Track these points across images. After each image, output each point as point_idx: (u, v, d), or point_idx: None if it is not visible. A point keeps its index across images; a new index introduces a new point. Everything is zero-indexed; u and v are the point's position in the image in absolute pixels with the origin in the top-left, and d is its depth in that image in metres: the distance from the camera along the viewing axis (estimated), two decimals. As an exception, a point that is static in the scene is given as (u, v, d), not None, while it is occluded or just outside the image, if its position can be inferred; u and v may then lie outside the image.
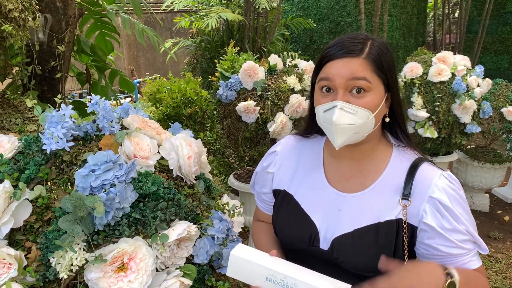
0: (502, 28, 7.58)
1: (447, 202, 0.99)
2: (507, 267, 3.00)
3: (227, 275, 1.04)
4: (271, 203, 1.27)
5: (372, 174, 1.09)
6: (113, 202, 0.99)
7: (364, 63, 0.99)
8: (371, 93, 1.00)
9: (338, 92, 1.00)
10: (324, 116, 1.02)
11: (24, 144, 1.13)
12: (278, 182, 1.21)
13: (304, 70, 2.81)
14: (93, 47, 2.35)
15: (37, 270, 0.98)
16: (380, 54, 1.02)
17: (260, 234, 1.30)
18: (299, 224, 1.13)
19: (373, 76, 1.00)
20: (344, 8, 6.87)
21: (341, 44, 1.02)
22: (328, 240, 1.07)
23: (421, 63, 3.36)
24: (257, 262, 0.99)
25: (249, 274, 1.00)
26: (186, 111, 2.94)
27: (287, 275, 0.96)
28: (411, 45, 7.14)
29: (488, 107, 3.28)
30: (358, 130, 1.00)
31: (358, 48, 1.00)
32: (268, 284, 0.98)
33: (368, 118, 1.00)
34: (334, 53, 1.02)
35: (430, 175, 1.03)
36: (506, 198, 4.15)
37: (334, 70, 1.00)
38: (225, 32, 5.55)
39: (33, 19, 1.54)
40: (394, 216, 1.03)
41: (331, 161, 1.16)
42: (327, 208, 1.10)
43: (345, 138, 1.01)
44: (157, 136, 1.25)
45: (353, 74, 0.98)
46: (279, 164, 1.23)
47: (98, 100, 1.17)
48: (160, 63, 10.49)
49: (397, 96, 1.08)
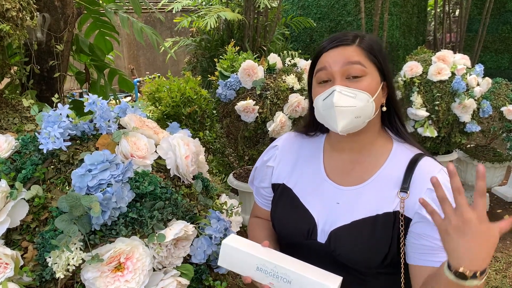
0: (503, 27, 7.57)
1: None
2: (507, 266, 3.00)
3: (218, 264, 1.05)
4: (269, 197, 1.27)
5: (371, 168, 1.10)
6: (109, 201, 0.99)
7: (358, 50, 1.04)
8: (368, 77, 1.03)
9: (336, 79, 1.03)
10: (324, 104, 1.04)
11: (21, 143, 1.13)
12: (278, 176, 1.22)
13: (303, 69, 2.81)
14: (91, 46, 2.35)
15: (33, 270, 0.98)
16: (372, 44, 1.06)
17: (256, 229, 1.31)
18: (297, 218, 1.13)
19: (366, 61, 1.03)
20: (344, 7, 6.86)
21: (333, 37, 1.08)
22: (326, 233, 1.08)
23: (421, 62, 3.35)
24: (248, 251, 1.00)
25: (240, 264, 1.01)
26: (185, 110, 2.94)
27: (277, 265, 0.97)
28: (411, 44, 7.13)
29: (488, 106, 3.28)
30: (359, 114, 1.01)
31: (351, 39, 1.05)
32: (259, 273, 0.99)
33: (368, 101, 1.01)
34: (327, 45, 1.07)
35: (430, 169, 1.05)
36: (506, 197, 4.14)
37: (330, 59, 1.04)
38: (225, 31, 5.55)
39: (31, 18, 1.54)
40: (392, 208, 1.04)
41: (331, 155, 1.17)
42: (326, 201, 1.11)
43: (347, 121, 1.01)
44: (154, 135, 1.25)
45: (347, 59, 1.02)
46: (279, 158, 1.24)
47: (95, 99, 1.17)
48: (160, 62, 10.49)
49: (392, 85, 1.10)
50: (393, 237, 1.03)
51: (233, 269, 1.03)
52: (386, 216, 1.03)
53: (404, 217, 1.02)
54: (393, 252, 1.03)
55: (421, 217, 1.01)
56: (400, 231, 1.02)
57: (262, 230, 1.28)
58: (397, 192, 1.04)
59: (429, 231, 1.00)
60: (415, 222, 1.02)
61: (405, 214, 1.02)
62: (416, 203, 1.01)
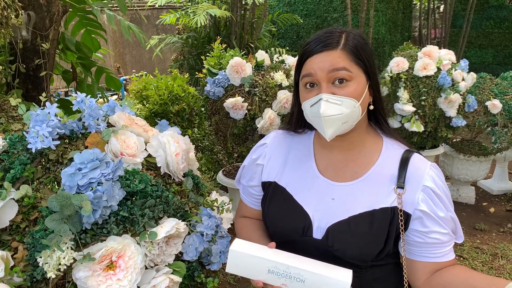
0: (486, 23, 7.68)
1: (438, 190, 1.04)
2: (493, 258, 3.06)
3: (227, 271, 1.03)
4: (259, 196, 1.26)
5: (365, 164, 1.11)
6: (100, 200, 0.98)
7: (343, 54, 1.03)
8: (354, 82, 1.03)
9: (321, 85, 1.03)
10: (311, 110, 1.05)
11: (8, 143, 1.12)
12: (268, 174, 1.22)
13: (291, 66, 2.81)
14: (78, 44, 2.33)
15: (24, 270, 0.97)
16: (357, 44, 1.05)
17: (247, 231, 1.28)
18: (292, 216, 1.13)
19: (352, 65, 1.03)
20: (330, 4, 6.89)
21: (318, 39, 1.06)
22: (322, 229, 1.09)
23: (407, 57, 3.39)
24: (258, 255, 0.99)
25: (250, 268, 1.00)
26: (173, 108, 2.93)
27: (290, 266, 0.96)
28: (397, 40, 7.19)
29: (473, 101, 3.33)
30: (346, 120, 1.02)
31: (335, 41, 1.04)
32: (271, 276, 0.98)
33: (355, 106, 1.02)
34: (312, 49, 1.05)
35: (422, 165, 1.08)
36: (491, 190, 4.21)
37: (315, 65, 1.03)
38: (212, 28, 5.53)
39: (16, 16, 1.52)
40: (389, 204, 1.06)
41: (322, 152, 1.17)
42: (320, 197, 1.12)
43: (334, 129, 1.03)
44: (144, 133, 1.24)
45: (333, 65, 1.01)
46: (268, 156, 1.23)
47: (83, 98, 1.16)
48: (146, 60, 10.41)
49: (377, 83, 1.11)
50: (390, 232, 1.05)
51: (242, 275, 1.02)
52: (383, 211, 1.05)
53: (403, 212, 1.05)
54: (389, 246, 1.06)
55: (421, 212, 1.04)
56: (399, 226, 1.05)
57: (255, 231, 1.26)
58: (393, 188, 1.06)
59: (431, 226, 1.04)
60: (415, 218, 1.05)
61: (404, 210, 1.05)
62: (415, 199, 1.04)
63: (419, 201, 1.04)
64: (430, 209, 1.04)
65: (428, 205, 1.04)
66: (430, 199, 1.04)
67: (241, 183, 1.32)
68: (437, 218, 1.04)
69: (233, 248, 1.01)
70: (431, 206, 1.04)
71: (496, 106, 3.36)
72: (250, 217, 1.32)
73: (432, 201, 1.04)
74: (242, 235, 1.28)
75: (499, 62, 7.72)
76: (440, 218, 1.04)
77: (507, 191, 4.16)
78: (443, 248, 1.06)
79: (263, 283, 1.02)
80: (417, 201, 1.04)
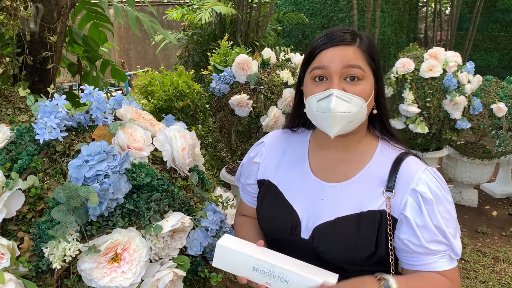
0: (492, 26, 7.65)
1: (429, 196, 0.99)
2: (495, 261, 3.05)
3: (213, 265, 1.03)
4: (255, 194, 1.26)
5: (356, 165, 1.10)
6: (107, 192, 0.98)
7: (358, 52, 1.02)
8: (364, 82, 1.02)
9: (333, 79, 1.00)
10: (318, 105, 1.02)
11: (16, 134, 1.12)
12: (263, 172, 1.21)
13: (297, 64, 2.81)
14: (85, 38, 2.33)
15: (29, 260, 0.98)
16: (370, 46, 1.05)
17: (244, 228, 1.28)
18: (281, 214, 1.13)
19: (365, 65, 1.02)
20: (336, 3, 6.87)
21: (332, 34, 1.04)
22: (309, 229, 1.07)
23: (413, 58, 3.38)
24: (244, 252, 0.99)
25: (235, 264, 1.00)
26: (178, 104, 2.93)
27: (274, 265, 0.96)
28: (402, 41, 7.17)
29: (478, 104, 3.31)
30: (352, 119, 1.01)
31: (350, 38, 1.03)
32: (256, 274, 0.98)
33: (362, 106, 1.01)
34: (326, 43, 1.03)
35: (414, 168, 1.04)
36: (494, 194, 4.20)
37: (329, 58, 1.01)
38: (217, 25, 5.53)
39: (25, 8, 1.53)
40: (377, 207, 1.03)
41: (317, 152, 1.16)
42: (310, 197, 1.11)
43: (340, 127, 1.01)
44: (150, 127, 1.25)
45: (349, 61, 1.00)
46: (265, 155, 1.23)
47: (91, 90, 1.16)
48: (151, 56, 10.41)
49: (383, 88, 1.10)
50: (379, 237, 1.02)
51: (228, 270, 1.02)
52: (371, 214, 1.03)
53: (391, 217, 1.02)
54: (381, 251, 1.03)
55: (404, 217, 1.01)
56: (387, 230, 1.02)
57: (250, 229, 1.26)
58: (382, 191, 1.04)
59: (409, 236, 1.00)
60: (400, 223, 1.02)
61: (392, 215, 1.02)
62: (401, 203, 1.01)
63: (405, 205, 1.00)
64: (412, 216, 0.99)
65: (412, 210, 0.99)
66: (417, 204, 0.99)
67: (241, 181, 1.32)
68: (414, 227, 0.99)
69: (220, 242, 1.01)
70: (415, 212, 0.99)
71: (501, 110, 3.35)
72: (248, 216, 1.31)
73: (419, 207, 0.99)
74: (239, 234, 1.27)
75: (505, 65, 7.68)
76: (419, 227, 0.99)
77: (510, 195, 4.15)
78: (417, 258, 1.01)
79: (248, 280, 1.01)
80: (403, 205, 1.00)
